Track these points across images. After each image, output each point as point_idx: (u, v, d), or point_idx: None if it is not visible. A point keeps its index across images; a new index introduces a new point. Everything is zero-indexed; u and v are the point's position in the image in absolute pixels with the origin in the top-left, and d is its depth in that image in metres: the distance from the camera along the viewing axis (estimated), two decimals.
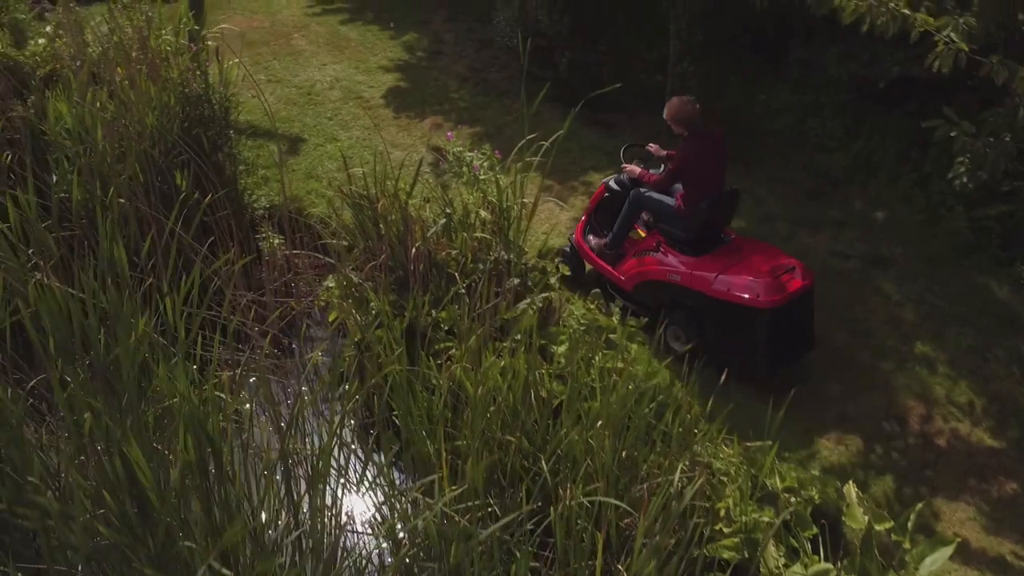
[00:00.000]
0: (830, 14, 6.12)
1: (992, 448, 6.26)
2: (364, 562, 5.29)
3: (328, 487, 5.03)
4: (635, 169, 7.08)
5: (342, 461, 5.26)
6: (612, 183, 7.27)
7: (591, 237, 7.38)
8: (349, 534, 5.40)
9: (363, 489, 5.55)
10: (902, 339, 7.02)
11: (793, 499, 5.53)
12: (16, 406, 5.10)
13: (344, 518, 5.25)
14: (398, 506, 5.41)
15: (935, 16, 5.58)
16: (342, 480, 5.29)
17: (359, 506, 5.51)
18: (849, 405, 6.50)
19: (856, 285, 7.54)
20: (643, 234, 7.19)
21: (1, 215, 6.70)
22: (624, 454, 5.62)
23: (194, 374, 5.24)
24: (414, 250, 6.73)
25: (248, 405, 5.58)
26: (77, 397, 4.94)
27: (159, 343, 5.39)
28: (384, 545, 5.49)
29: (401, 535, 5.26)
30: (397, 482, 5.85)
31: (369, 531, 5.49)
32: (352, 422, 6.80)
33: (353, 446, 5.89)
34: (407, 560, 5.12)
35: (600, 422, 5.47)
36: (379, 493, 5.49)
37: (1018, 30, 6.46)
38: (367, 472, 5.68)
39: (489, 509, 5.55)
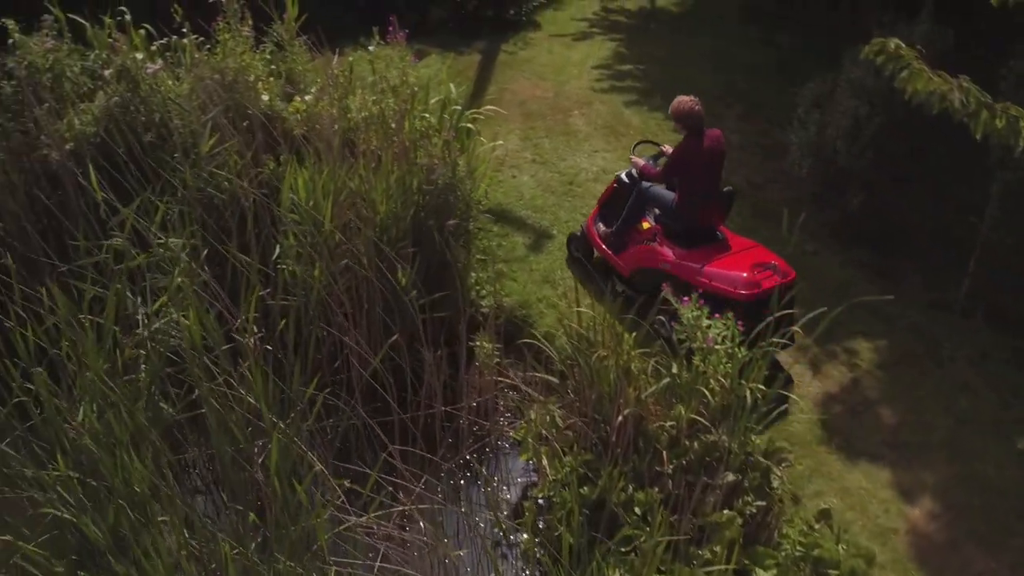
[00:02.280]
0: None
1: None
2: None
3: None
4: (639, 162, 7.68)
5: None
6: (623, 176, 7.87)
7: (600, 224, 8.01)
8: None
9: None
10: None
11: None
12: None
13: None
14: None
15: None
16: None
17: None
18: None
19: None
20: (647, 225, 7.62)
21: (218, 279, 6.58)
22: None
23: None
24: (621, 417, 5.91)
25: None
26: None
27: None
28: None
29: None
30: None
31: None
32: None
33: None
34: None
35: None
36: None
37: None
38: None
39: None
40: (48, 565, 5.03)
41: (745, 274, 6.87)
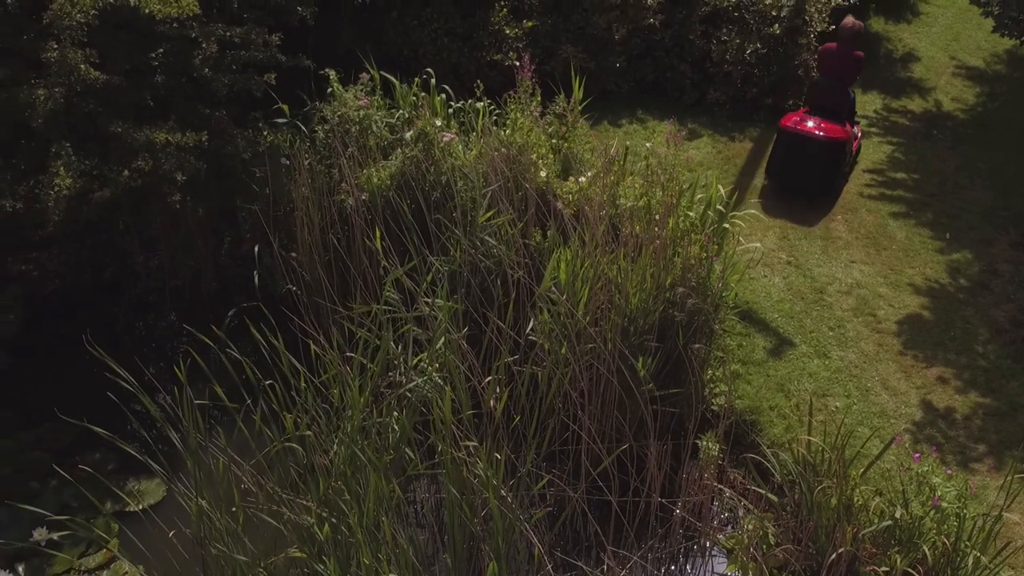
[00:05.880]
0: None
1: None
2: None
3: None
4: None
5: None
6: None
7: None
8: None
9: None
10: None
11: None
12: None
13: None
14: None
15: None
16: None
17: None
18: None
19: None
20: None
21: (471, 342, 7.14)
22: None
23: None
24: (835, 555, 5.94)
25: None
26: None
27: None
28: None
29: None
30: None
31: None
32: None
33: None
34: None
35: None
36: None
37: None
38: None
39: None
40: None
41: (797, 119, 10.14)
